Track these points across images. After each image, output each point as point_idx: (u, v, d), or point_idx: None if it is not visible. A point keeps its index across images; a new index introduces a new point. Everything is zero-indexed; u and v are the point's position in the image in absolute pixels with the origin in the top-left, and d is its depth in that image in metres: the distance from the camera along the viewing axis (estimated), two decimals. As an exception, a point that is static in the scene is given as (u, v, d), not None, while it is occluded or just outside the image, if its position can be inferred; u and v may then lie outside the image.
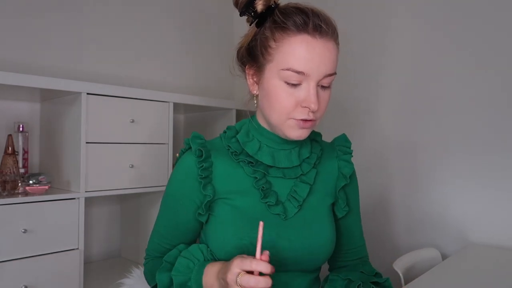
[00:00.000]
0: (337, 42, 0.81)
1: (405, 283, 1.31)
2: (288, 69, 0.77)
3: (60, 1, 1.77)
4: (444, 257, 1.64)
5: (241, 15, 0.84)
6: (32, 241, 1.34)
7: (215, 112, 2.10)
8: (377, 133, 1.91)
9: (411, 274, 1.44)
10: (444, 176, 1.69)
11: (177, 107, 1.95)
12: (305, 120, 0.79)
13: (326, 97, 0.81)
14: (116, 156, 1.58)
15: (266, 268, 0.68)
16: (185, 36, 2.25)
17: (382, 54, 1.90)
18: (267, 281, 0.67)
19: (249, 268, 0.68)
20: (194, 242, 0.93)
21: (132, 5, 2.02)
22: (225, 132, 0.91)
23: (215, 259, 0.84)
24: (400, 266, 1.40)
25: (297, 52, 0.76)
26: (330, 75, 0.79)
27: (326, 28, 0.77)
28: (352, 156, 0.96)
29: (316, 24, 0.76)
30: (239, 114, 2.08)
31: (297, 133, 0.81)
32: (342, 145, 0.97)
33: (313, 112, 0.79)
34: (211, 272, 0.77)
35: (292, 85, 0.78)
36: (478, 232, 1.60)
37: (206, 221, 0.87)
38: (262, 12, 0.81)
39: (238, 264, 0.69)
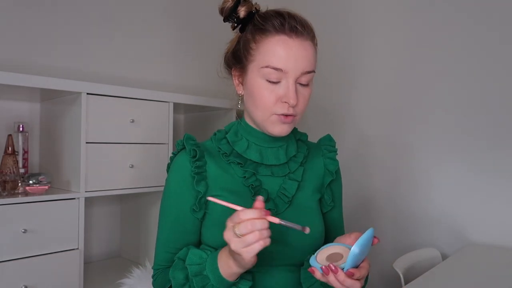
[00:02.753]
0: (314, 42, 0.87)
1: (405, 283, 1.31)
2: (267, 67, 0.82)
3: (60, 1, 1.77)
4: (444, 257, 1.64)
5: (224, 21, 0.91)
6: (32, 241, 1.34)
7: (215, 112, 2.10)
8: (376, 134, 1.91)
9: (411, 274, 1.44)
10: (444, 176, 1.69)
11: (177, 107, 1.95)
12: (285, 116, 0.84)
13: (305, 94, 0.86)
14: (116, 156, 1.58)
15: (253, 213, 0.68)
16: (185, 36, 2.25)
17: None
18: (263, 221, 0.68)
19: (238, 220, 0.69)
20: None
21: (132, 5, 2.02)
22: (215, 134, 0.96)
23: None
24: (400, 266, 1.40)
25: (275, 51, 0.82)
26: (308, 72, 0.84)
27: (302, 29, 0.84)
28: (337, 154, 1.01)
29: (292, 25, 0.83)
30: (240, 114, 2.08)
31: (279, 128, 0.86)
32: (327, 144, 1.02)
33: (292, 107, 0.84)
34: (224, 253, 0.77)
35: (273, 83, 0.83)
36: (478, 232, 1.60)
37: (203, 218, 0.89)
38: (244, 18, 0.88)
39: (229, 221, 0.70)
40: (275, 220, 0.70)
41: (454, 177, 1.66)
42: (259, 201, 0.71)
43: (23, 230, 1.32)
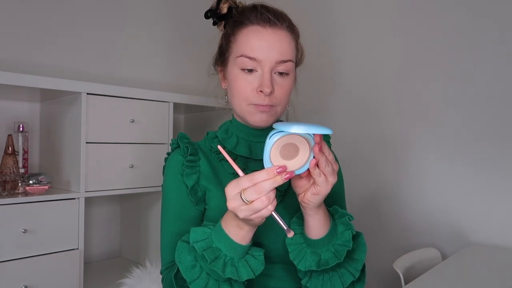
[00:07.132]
0: (291, 32, 0.88)
1: (405, 283, 1.31)
2: (241, 56, 0.84)
3: (60, 1, 1.78)
4: (444, 257, 1.64)
5: (206, 17, 0.96)
6: (32, 241, 1.34)
7: (215, 112, 2.10)
8: (375, 133, 1.91)
9: (411, 274, 1.44)
10: (444, 176, 1.69)
11: (177, 107, 1.95)
12: (262, 105, 0.84)
13: (284, 84, 0.86)
14: (116, 156, 1.58)
15: (268, 173, 0.66)
16: (185, 36, 2.25)
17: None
18: (271, 182, 0.65)
19: (249, 184, 0.66)
20: None
21: (132, 6, 2.03)
22: (207, 134, 0.98)
23: None
24: (400, 266, 1.40)
25: (249, 40, 0.84)
26: (284, 61, 0.84)
27: (275, 19, 0.85)
28: (331, 145, 0.98)
29: (265, 16, 0.85)
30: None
31: (257, 117, 0.86)
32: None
33: (267, 95, 0.83)
34: (228, 219, 0.73)
35: (248, 72, 0.84)
36: (478, 232, 1.60)
37: (204, 212, 0.89)
38: (225, 14, 0.92)
39: (235, 186, 0.67)
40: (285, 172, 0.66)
41: (454, 176, 1.66)
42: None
43: (23, 230, 1.32)
